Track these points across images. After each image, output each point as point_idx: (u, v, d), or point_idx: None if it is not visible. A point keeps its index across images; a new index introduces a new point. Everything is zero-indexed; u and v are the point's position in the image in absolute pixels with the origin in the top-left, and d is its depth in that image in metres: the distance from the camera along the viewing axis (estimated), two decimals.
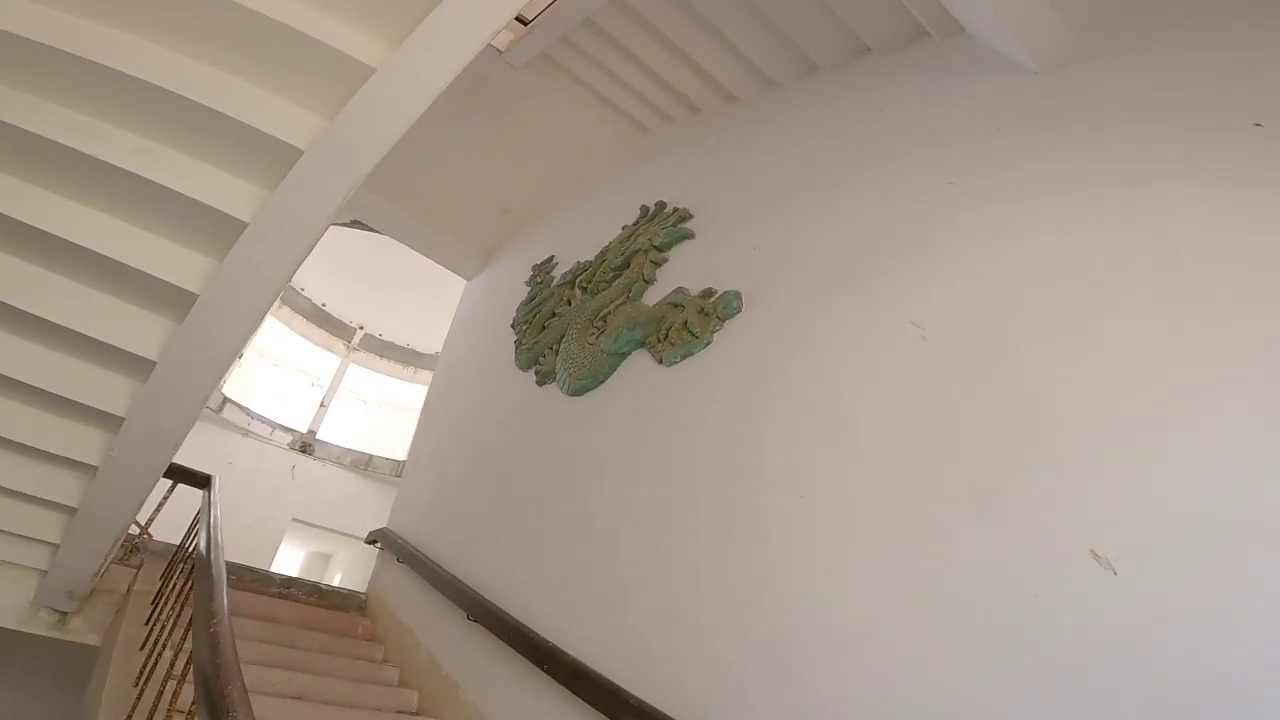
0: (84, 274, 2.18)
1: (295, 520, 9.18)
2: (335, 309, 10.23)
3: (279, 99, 1.98)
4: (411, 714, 3.15)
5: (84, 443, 2.57)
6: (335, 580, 10.50)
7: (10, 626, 3.22)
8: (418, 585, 3.71)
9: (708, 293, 3.02)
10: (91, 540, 2.89)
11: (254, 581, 3.96)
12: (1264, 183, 1.68)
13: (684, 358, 2.92)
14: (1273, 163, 1.69)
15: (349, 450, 9.83)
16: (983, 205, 2.19)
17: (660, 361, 3.02)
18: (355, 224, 6.29)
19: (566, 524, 3.01)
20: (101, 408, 2.42)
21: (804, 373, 2.37)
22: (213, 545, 2.42)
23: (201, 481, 3.88)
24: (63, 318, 2.15)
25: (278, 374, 10.47)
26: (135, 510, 2.81)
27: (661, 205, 3.87)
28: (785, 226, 2.98)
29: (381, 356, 10.54)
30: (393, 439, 9.98)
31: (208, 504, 3.32)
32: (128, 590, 3.57)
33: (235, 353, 2.46)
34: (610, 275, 3.82)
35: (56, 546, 2.96)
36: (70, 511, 2.77)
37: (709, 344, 2.86)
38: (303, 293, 9.98)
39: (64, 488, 2.71)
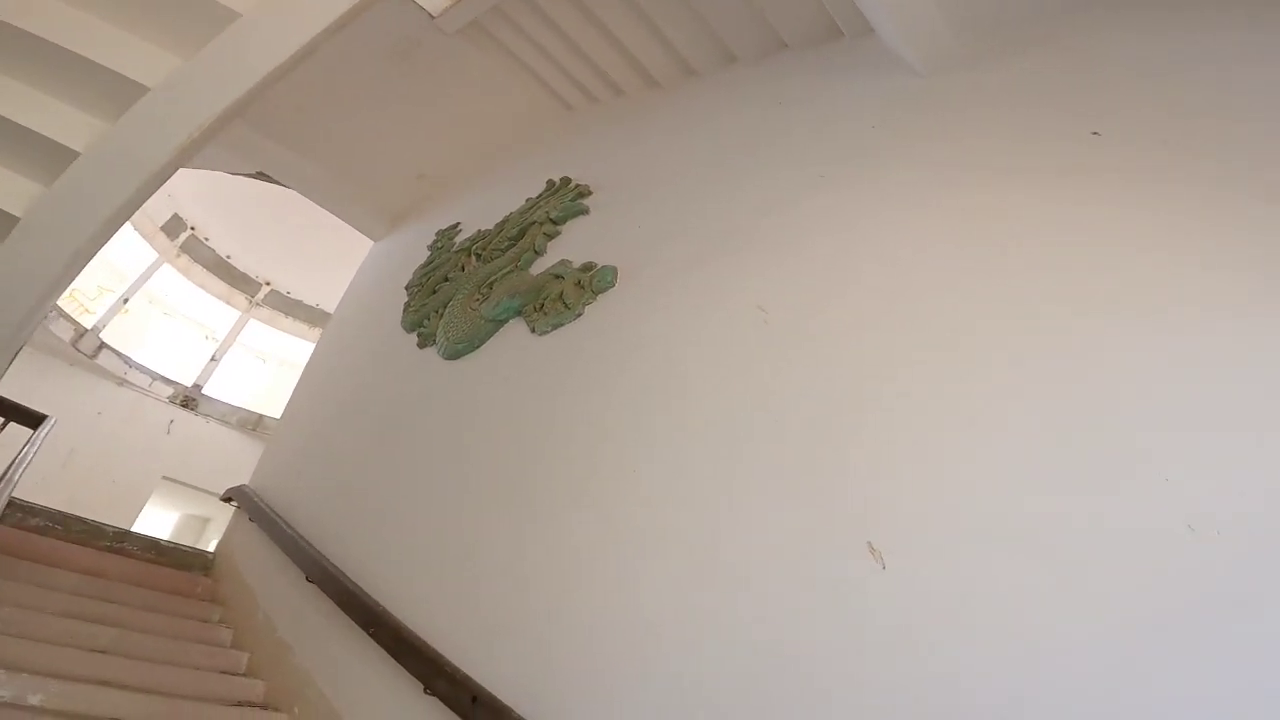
0: None
1: (166, 479, 8.63)
2: (241, 262, 9.68)
3: (134, 37, 1.99)
4: (239, 675, 2.97)
5: None
6: (211, 545, 9.91)
7: None
8: (264, 545, 3.52)
9: (587, 266, 2.98)
10: None
11: (81, 532, 3.66)
12: (1092, 190, 1.77)
13: (554, 328, 2.88)
14: (1102, 170, 1.78)
15: (238, 409, 9.32)
16: (841, 196, 2.24)
17: (533, 330, 2.96)
18: (261, 175, 5.93)
19: (420, 488, 2.91)
20: None
21: (655, 350, 2.36)
22: (5, 481, 2.20)
23: (34, 420, 3.55)
24: None
25: (167, 323, 9.82)
26: None
27: (566, 180, 3.81)
28: (671, 207, 2.98)
29: (287, 315, 10.05)
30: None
31: (28, 442, 3.04)
32: None
33: (58, 282, 2.29)
34: (505, 245, 3.73)
35: None
36: None
37: (579, 316, 2.82)
38: (206, 242, 9.41)
39: None
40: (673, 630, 1.71)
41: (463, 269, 3.97)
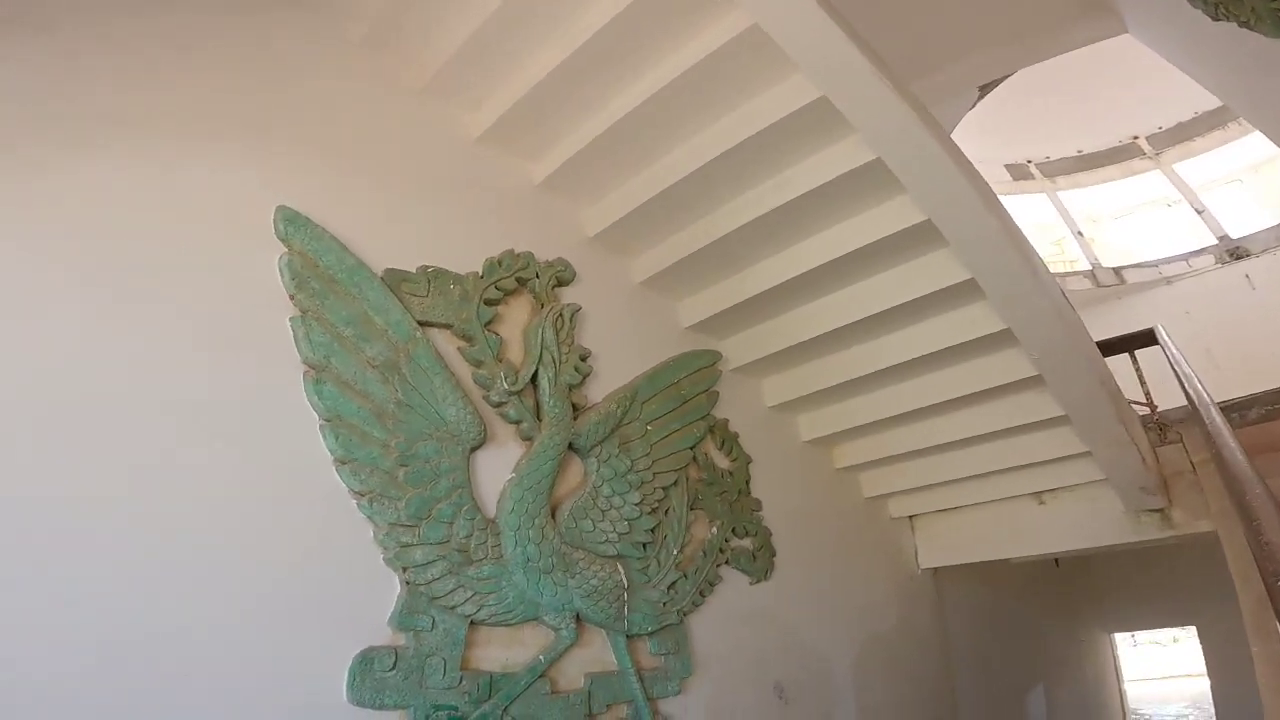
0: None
1: None
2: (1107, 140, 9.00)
3: None
4: None
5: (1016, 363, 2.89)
6: None
7: (1125, 541, 3.40)
8: None
9: None
10: (1099, 433, 2.99)
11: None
12: None
13: None
14: None
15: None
16: None
17: None
18: (982, 89, 5.60)
19: None
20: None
21: None
22: (1187, 387, 2.20)
23: (1146, 339, 3.66)
24: None
25: (1128, 222, 9.65)
26: (1095, 396, 2.82)
27: None
28: None
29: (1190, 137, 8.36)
30: None
31: (1167, 356, 3.08)
32: (1192, 465, 3.35)
33: None
34: None
35: (1089, 454, 3.18)
36: (1064, 420, 3.02)
37: None
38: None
39: (1040, 405, 3.03)
40: None
41: None
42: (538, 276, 2.51)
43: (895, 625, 3.62)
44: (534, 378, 2.35)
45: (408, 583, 1.91)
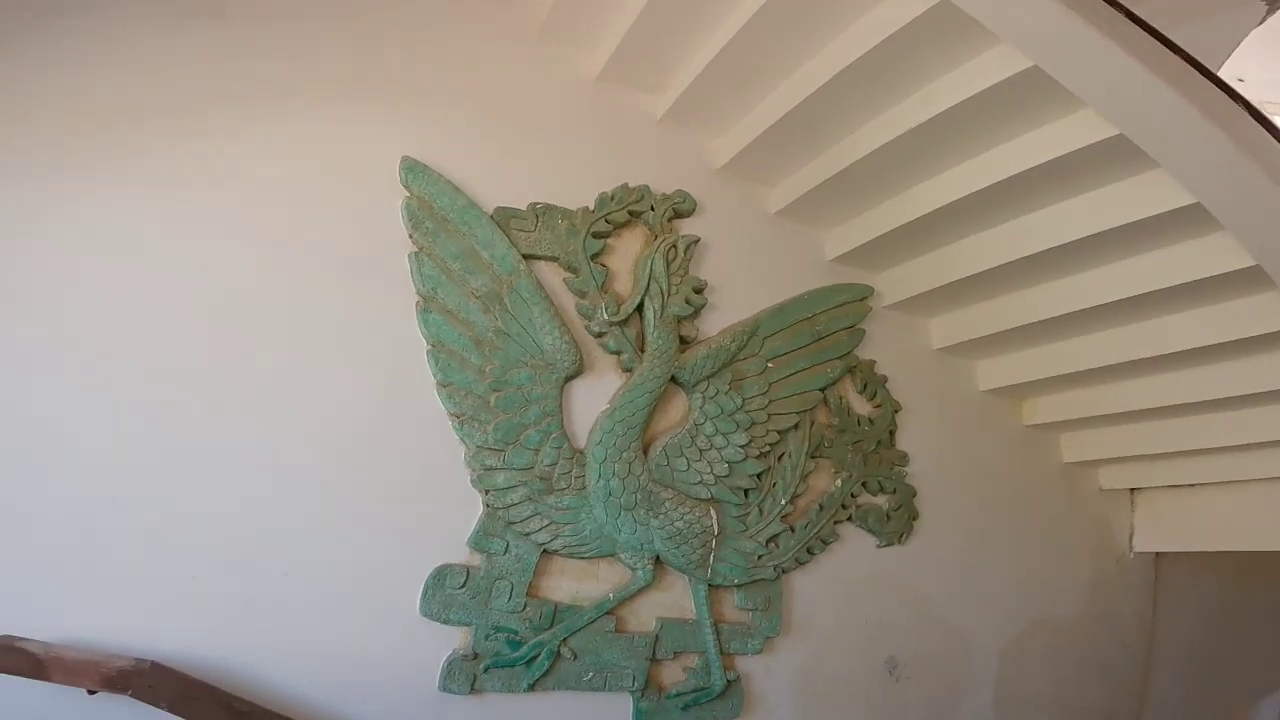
0: None
1: None
2: None
3: None
4: None
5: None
6: None
7: None
8: None
9: None
10: None
11: None
12: None
13: None
14: None
15: None
16: None
17: None
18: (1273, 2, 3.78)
19: None
20: None
21: None
22: None
23: None
24: None
25: None
26: None
27: None
28: None
29: None
30: None
31: None
32: None
33: None
34: None
35: None
36: None
37: None
38: None
39: None
40: None
41: None
42: (652, 209, 2.41)
43: (1082, 612, 3.08)
44: (641, 309, 2.30)
45: (488, 505, 2.04)
